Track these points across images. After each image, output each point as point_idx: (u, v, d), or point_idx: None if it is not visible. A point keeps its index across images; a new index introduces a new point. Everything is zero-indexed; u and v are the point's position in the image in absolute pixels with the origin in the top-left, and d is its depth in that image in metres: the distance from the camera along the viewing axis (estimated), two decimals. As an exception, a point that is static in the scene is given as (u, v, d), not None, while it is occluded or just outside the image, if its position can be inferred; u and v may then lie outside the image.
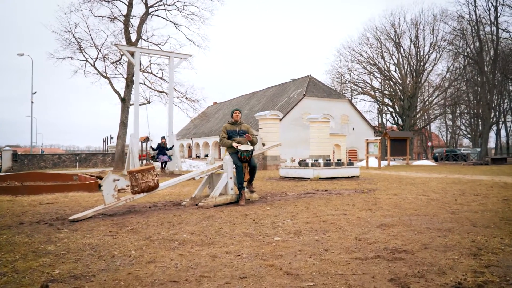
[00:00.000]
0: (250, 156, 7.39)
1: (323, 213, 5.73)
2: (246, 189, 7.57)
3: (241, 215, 5.75)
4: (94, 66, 23.62)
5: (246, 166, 7.51)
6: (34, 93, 36.92)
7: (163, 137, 19.32)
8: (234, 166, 7.34)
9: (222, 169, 7.41)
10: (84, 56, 23.60)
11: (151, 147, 19.03)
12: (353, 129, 42.80)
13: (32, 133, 38.19)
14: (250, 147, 7.39)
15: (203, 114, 32.15)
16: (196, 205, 6.92)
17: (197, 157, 52.28)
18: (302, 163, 14.42)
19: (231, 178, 7.31)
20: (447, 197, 7.75)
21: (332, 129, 34.34)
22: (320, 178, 13.42)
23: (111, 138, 45.71)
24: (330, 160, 14.87)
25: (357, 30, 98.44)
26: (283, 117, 36.98)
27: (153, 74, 24.24)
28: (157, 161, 19.03)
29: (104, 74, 23.75)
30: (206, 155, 48.46)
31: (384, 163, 27.69)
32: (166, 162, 18.98)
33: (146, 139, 40.23)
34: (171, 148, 19.12)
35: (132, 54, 18.61)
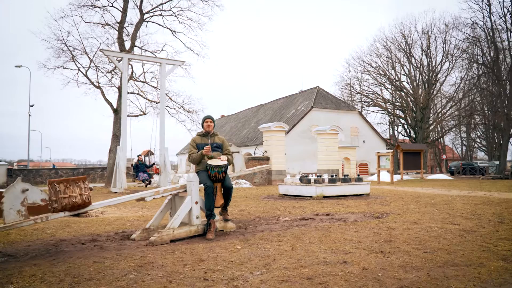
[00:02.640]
0: (224, 173, 5.63)
1: (312, 259, 3.93)
2: (217, 217, 5.80)
3: (194, 261, 3.98)
4: (86, 75, 22.22)
5: (219, 188, 5.73)
6: (31, 106, 35.77)
7: (139, 155, 18.05)
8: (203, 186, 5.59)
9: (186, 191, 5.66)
10: (76, 65, 22.24)
11: (131, 164, 17.57)
12: (364, 141, 40.80)
13: (29, 147, 37.02)
14: (223, 162, 5.64)
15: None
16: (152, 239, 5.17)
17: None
18: (304, 179, 12.61)
19: (196, 202, 5.55)
20: (483, 226, 5.88)
21: (341, 141, 32.51)
22: (324, 197, 11.60)
23: (115, 152, 44.50)
24: (336, 175, 13.03)
25: (367, 40, 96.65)
26: (290, 130, 35.31)
27: (146, 83, 22.72)
28: (137, 179, 17.66)
29: (96, 84, 22.32)
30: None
31: (397, 177, 25.70)
32: (148, 179, 17.63)
33: (149, 153, 38.86)
34: (151, 166, 17.72)
35: (122, 61, 17.13)
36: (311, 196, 11.67)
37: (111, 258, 4.15)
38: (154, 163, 18.00)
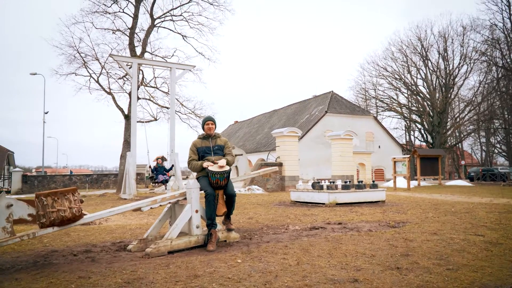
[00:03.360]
0: (226, 179, 5.25)
1: (319, 277, 3.51)
2: (219, 227, 5.41)
3: (188, 276, 3.60)
4: (97, 81, 22.19)
5: (221, 195, 5.35)
6: (46, 113, 36.09)
7: (158, 159, 17.77)
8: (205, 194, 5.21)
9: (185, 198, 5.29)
10: (88, 72, 22.23)
11: (149, 166, 17.32)
12: (379, 147, 40.04)
13: (47, 154, 37.36)
14: (225, 167, 5.26)
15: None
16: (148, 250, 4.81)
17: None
18: (316, 185, 12.14)
19: (197, 211, 5.18)
20: (511, 238, 5.37)
21: (356, 147, 31.88)
22: (337, 204, 11.12)
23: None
24: (350, 181, 12.53)
25: (382, 44, 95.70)
26: (304, 135, 34.85)
27: (157, 89, 22.57)
28: (156, 182, 17.41)
29: (108, 90, 22.25)
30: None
31: (413, 183, 24.96)
32: (167, 180, 17.35)
33: (162, 159, 38.77)
34: (170, 169, 17.31)
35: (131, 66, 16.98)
36: (323, 203, 11.21)
37: (99, 272, 3.79)
38: (173, 165, 17.64)
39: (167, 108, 23.16)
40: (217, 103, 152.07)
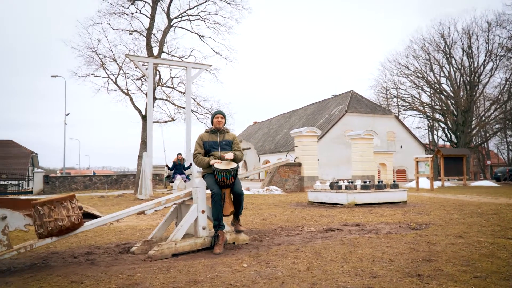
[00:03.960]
0: (233, 178, 4.96)
1: (330, 284, 3.17)
2: (227, 228, 5.12)
3: (187, 282, 3.32)
4: (115, 82, 22.26)
5: (228, 194, 5.06)
6: (67, 114, 36.65)
7: (179, 154, 17.39)
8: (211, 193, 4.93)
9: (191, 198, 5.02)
10: (106, 73, 22.33)
11: (166, 165, 17.15)
12: (401, 147, 39.14)
13: (69, 155, 37.95)
14: (232, 165, 4.97)
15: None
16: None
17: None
18: (334, 186, 11.75)
19: (203, 211, 4.90)
20: (545, 242, 4.91)
21: (377, 146, 31.21)
22: (356, 205, 10.71)
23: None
24: (370, 181, 12.09)
25: (403, 43, 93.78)
26: (323, 135, 34.35)
27: (174, 89, 22.50)
28: (173, 181, 17.21)
29: (125, 91, 22.29)
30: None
31: (437, 184, 24.18)
32: (185, 179, 17.08)
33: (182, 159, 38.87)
34: (188, 167, 17.08)
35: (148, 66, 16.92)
36: (342, 204, 10.82)
37: (94, 277, 3.55)
38: (191, 164, 17.41)
39: (184, 108, 23.05)
40: (234, 103, 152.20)
